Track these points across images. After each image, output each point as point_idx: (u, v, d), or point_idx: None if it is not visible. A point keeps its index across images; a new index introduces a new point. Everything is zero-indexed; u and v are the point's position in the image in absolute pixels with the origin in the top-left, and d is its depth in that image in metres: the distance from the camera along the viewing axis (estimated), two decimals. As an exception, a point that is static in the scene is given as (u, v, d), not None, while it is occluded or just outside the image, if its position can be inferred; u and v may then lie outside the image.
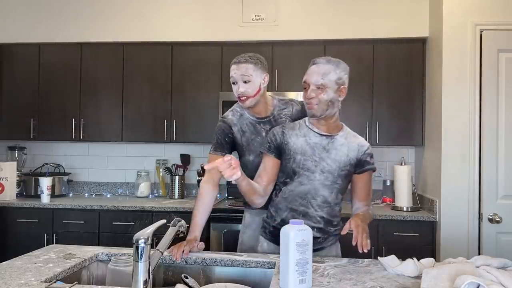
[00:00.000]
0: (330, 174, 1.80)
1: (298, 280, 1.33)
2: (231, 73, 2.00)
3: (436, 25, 3.10)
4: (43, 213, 3.31)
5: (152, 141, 3.67)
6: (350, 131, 1.90)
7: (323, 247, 1.88)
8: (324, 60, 1.78)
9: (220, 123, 2.10)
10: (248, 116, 2.08)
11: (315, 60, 1.81)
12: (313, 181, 1.80)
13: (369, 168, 1.86)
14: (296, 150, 1.82)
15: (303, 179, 1.81)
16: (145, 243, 1.27)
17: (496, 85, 2.80)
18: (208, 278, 1.70)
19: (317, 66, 1.77)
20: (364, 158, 1.85)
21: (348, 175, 1.85)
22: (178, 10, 3.60)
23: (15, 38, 3.71)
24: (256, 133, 2.07)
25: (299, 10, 3.48)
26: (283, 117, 2.10)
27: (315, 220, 1.82)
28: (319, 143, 1.82)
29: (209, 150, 2.09)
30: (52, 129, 3.68)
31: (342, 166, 1.81)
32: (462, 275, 1.25)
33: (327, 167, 1.80)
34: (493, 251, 2.75)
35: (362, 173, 1.86)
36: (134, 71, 3.62)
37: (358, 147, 1.85)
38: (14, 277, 1.43)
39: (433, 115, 3.14)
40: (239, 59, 2.01)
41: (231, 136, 2.07)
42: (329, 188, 1.81)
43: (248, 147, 2.07)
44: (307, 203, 1.82)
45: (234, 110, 2.13)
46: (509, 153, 2.79)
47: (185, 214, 3.11)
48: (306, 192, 1.81)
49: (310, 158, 1.80)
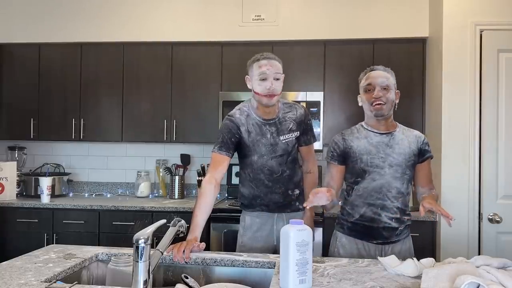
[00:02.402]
0: (399, 167, 1.93)
1: (298, 280, 1.33)
2: (262, 69, 1.98)
3: (436, 25, 3.10)
4: (43, 213, 3.31)
5: (152, 141, 3.67)
6: (404, 127, 2.04)
7: (399, 239, 1.96)
8: (381, 67, 1.96)
9: (228, 122, 2.07)
10: (254, 117, 2.08)
11: (372, 67, 1.98)
12: (384, 176, 1.92)
13: (429, 156, 2.01)
14: (361, 151, 1.95)
15: (375, 175, 1.92)
16: (145, 243, 1.27)
17: (496, 85, 2.80)
18: (208, 278, 1.70)
19: (377, 72, 1.94)
20: (424, 147, 2.00)
21: (414, 165, 1.98)
22: (178, 10, 3.60)
23: (15, 38, 3.71)
24: (262, 134, 2.07)
25: (299, 10, 3.48)
26: (287, 119, 2.11)
27: (392, 211, 1.93)
28: (381, 141, 1.95)
29: (213, 148, 2.05)
30: (52, 129, 3.68)
31: (408, 157, 1.94)
32: (462, 275, 1.25)
33: (394, 161, 1.93)
34: (493, 251, 2.75)
35: (424, 161, 2.00)
36: (134, 71, 3.62)
37: (416, 138, 1.99)
38: (14, 277, 1.43)
39: (433, 115, 3.14)
40: (269, 56, 2.02)
41: (237, 136, 2.06)
42: (400, 179, 1.93)
43: (254, 148, 2.07)
44: (384, 196, 1.92)
45: (242, 109, 2.11)
46: (509, 153, 2.79)
47: (185, 214, 3.11)
48: (380, 186, 1.92)
49: (376, 156, 1.93)
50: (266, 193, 2.11)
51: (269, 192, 2.11)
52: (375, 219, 1.92)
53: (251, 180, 2.13)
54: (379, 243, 1.94)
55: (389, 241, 1.94)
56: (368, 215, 1.93)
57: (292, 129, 2.12)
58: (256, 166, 2.10)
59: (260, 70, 1.99)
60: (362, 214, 1.94)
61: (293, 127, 2.12)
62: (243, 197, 2.19)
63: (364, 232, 1.95)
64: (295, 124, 2.13)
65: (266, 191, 2.11)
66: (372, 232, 1.93)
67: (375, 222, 1.92)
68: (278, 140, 2.09)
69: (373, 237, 1.94)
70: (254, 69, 2.02)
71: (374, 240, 1.94)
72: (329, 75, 3.42)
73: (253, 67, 2.03)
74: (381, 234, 1.93)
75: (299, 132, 2.14)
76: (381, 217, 1.92)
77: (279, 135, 2.09)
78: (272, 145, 2.09)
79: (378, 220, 1.92)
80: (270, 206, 2.14)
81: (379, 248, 1.94)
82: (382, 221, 1.92)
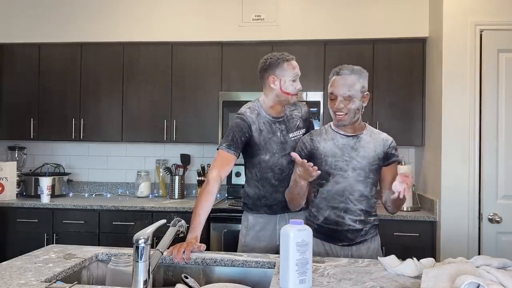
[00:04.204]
0: (362, 170, 1.91)
1: (298, 280, 1.33)
2: (296, 70, 2.05)
3: (436, 25, 3.10)
4: (43, 213, 3.31)
5: (152, 141, 3.67)
6: (373, 129, 2.02)
7: (365, 239, 1.95)
8: (348, 71, 1.88)
9: (239, 121, 2.06)
10: (265, 115, 2.09)
11: (339, 70, 1.90)
12: (347, 179, 1.91)
13: (395, 160, 1.99)
14: (327, 153, 1.93)
15: (338, 178, 1.92)
16: (145, 243, 1.27)
17: (496, 85, 2.80)
18: (208, 278, 1.70)
19: (342, 78, 1.87)
20: (390, 151, 1.97)
21: (379, 169, 1.97)
22: (178, 10, 3.60)
23: (15, 38, 3.71)
24: (272, 133, 2.09)
25: (299, 10, 3.48)
26: (294, 117, 2.15)
27: (356, 214, 1.92)
28: (347, 143, 1.94)
29: (220, 144, 2.03)
30: (52, 129, 3.68)
31: (371, 161, 1.93)
32: (462, 275, 1.25)
33: (358, 164, 1.91)
34: (493, 251, 2.75)
35: (389, 165, 1.98)
36: (134, 71, 3.62)
37: (383, 142, 1.97)
38: (14, 277, 1.43)
39: (433, 115, 3.14)
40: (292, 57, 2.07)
41: (248, 135, 2.05)
42: (363, 183, 1.92)
43: (265, 146, 2.07)
44: (346, 199, 1.91)
45: (252, 107, 2.11)
46: (509, 153, 2.79)
47: (185, 214, 3.11)
48: (343, 190, 1.91)
49: (340, 159, 1.92)
50: (272, 192, 2.11)
51: (274, 191, 2.11)
52: (339, 222, 1.92)
53: (258, 180, 2.13)
54: (344, 245, 1.93)
55: (354, 243, 1.93)
56: (332, 218, 1.92)
57: (299, 126, 2.16)
58: (265, 165, 2.09)
59: (294, 71, 2.05)
60: (326, 217, 1.93)
61: (300, 124, 2.17)
62: (247, 197, 2.19)
63: (329, 234, 1.94)
64: (302, 121, 2.18)
65: (271, 191, 2.11)
66: (337, 234, 1.93)
67: (339, 225, 1.92)
68: (288, 137, 2.12)
69: (338, 239, 1.93)
70: (286, 69, 2.03)
71: (340, 242, 1.94)
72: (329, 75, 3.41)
73: (285, 67, 2.04)
74: (346, 236, 1.92)
75: (305, 130, 2.18)
76: (345, 220, 1.91)
77: (288, 133, 2.12)
78: (282, 143, 2.10)
79: (342, 223, 1.91)
80: (273, 207, 2.13)
81: (345, 250, 1.94)
82: (346, 223, 1.91)
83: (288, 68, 2.03)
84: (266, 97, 2.11)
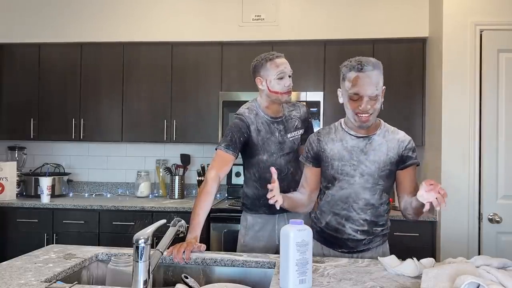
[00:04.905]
0: (370, 176, 1.75)
1: (298, 280, 1.33)
2: (280, 68, 2.01)
3: (436, 25, 3.10)
4: (43, 213, 3.31)
5: (152, 141, 3.67)
6: (388, 127, 1.82)
7: (369, 248, 1.83)
8: (370, 67, 1.67)
9: (237, 121, 2.07)
10: (263, 115, 2.09)
11: (361, 66, 1.67)
12: (353, 185, 1.76)
13: (412, 163, 1.79)
14: (333, 156, 1.79)
15: (343, 183, 1.78)
16: (145, 243, 1.27)
17: (496, 85, 2.80)
18: (208, 278, 1.70)
19: (368, 76, 1.65)
20: (406, 154, 1.78)
21: (390, 174, 1.78)
22: (178, 10, 3.60)
23: (15, 38, 3.71)
24: (271, 133, 2.09)
25: (299, 10, 3.48)
26: (293, 117, 2.15)
27: (358, 224, 1.79)
28: (356, 145, 1.77)
29: (219, 145, 2.03)
30: (52, 129, 3.68)
31: (382, 166, 1.75)
32: (462, 275, 1.25)
33: (366, 169, 1.75)
34: (493, 251, 2.75)
35: (405, 168, 1.80)
36: (134, 71, 3.62)
37: (399, 143, 1.78)
38: (14, 277, 1.43)
39: (433, 115, 3.13)
40: (279, 54, 2.05)
41: (246, 135, 2.05)
42: (371, 190, 1.77)
43: (263, 147, 2.07)
44: (349, 207, 1.78)
45: (250, 108, 2.11)
46: (509, 153, 2.79)
47: (185, 214, 3.10)
48: (347, 196, 1.78)
49: (348, 163, 1.76)
50: None
51: None
52: (339, 230, 1.80)
53: (256, 180, 2.13)
54: (344, 252, 1.83)
55: (356, 250, 1.82)
56: (332, 225, 1.82)
57: (298, 126, 2.16)
58: (263, 165, 2.09)
59: (278, 69, 2.02)
60: (327, 222, 1.83)
61: (299, 124, 2.17)
62: (246, 198, 2.19)
63: (329, 240, 1.85)
64: (300, 122, 2.18)
65: None
66: (337, 241, 1.82)
67: (339, 232, 1.80)
68: (286, 138, 2.12)
69: (338, 246, 1.83)
70: (269, 68, 2.02)
71: (339, 248, 1.83)
72: (329, 75, 3.42)
73: (268, 67, 2.03)
74: (346, 244, 1.81)
75: (303, 130, 2.17)
76: (345, 228, 1.79)
77: (287, 133, 2.13)
78: (280, 143, 2.11)
79: (342, 231, 1.80)
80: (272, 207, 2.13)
81: (346, 257, 1.82)
82: (346, 232, 1.79)
83: (271, 67, 2.02)
84: (260, 97, 2.13)
